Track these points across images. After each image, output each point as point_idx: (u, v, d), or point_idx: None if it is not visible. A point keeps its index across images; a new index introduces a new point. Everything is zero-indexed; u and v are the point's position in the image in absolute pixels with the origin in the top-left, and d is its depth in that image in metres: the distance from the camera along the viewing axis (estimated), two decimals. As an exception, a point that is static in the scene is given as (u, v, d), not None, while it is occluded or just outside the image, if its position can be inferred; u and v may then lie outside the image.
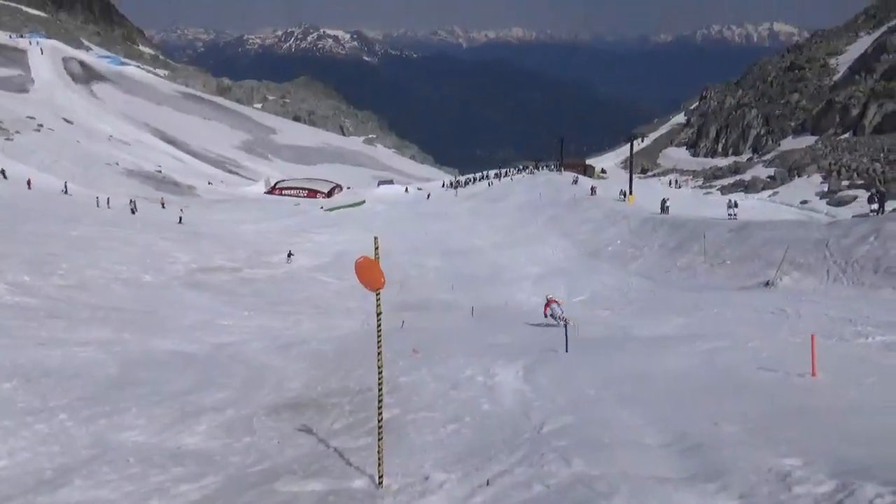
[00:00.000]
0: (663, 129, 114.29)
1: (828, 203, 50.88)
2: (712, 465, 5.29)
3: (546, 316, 18.91)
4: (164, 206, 51.43)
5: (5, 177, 43.65)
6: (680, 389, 8.50)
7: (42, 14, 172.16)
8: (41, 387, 9.28)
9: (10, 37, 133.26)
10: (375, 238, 5.65)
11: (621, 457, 5.74)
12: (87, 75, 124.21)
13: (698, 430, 6.33)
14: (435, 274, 31.73)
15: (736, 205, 37.22)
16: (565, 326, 15.97)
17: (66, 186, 48.79)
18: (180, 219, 42.09)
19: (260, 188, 75.97)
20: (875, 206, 31.99)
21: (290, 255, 33.23)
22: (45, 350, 11.68)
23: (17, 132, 65.33)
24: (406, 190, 76.01)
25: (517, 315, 21.62)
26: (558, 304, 18.90)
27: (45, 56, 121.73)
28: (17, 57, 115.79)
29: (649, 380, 9.12)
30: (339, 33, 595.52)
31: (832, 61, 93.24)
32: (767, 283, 19.95)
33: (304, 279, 28.49)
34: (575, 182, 54.91)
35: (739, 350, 10.77)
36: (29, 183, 45.50)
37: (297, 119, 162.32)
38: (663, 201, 38.08)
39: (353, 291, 25.68)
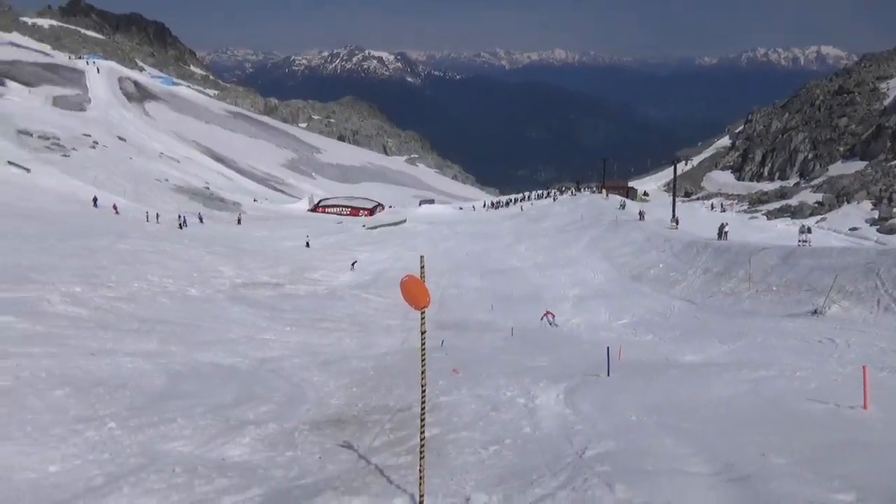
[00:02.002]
0: (707, 153, 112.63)
1: (878, 230, 49.36)
2: (761, 498, 5.15)
3: (542, 319, 24.71)
4: (239, 223, 53.67)
5: (96, 205, 44.71)
6: (725, 418, 8.31)
7: (100, 36, 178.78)
8: (91, 396, 9.53)
9: (70, 58, 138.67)
10: (421, 257, 5.70)
11: (666, 485, 5.63)
12: (140, 94, 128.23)
13: (745, 461, 6.17)
14: (474, 294, 31.69)
15: (809, 230, 35.52)
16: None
17: (200, 217, 47.79)
18: (307, 243, 43.62)
19: (304, 206, 77.05)
20: None
21: (353, 263, 35.71)
22: (94, 360, 11.99)
23: (74, 149, 67.61)
24: (460, 208, 77.37)
25: (557, 337, 21.42)
26: (553, 316, 24.74)
27: (101, 76, 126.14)
28: (75, 77, 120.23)
29: (693, 407, 8.94)
30: (384, 55, 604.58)
31: (882, 85, 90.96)
32: (815, 312, 19.42)
33: (345, 296, 28.73)
34: (622, 207, 54.03)
35: (786, 379, 10.48)
36: (115, 208, 46.06)
37: (341, 138, 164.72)
38: (721, 226, 36.59)
39: (393, 309, 25.85)
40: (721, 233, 35.64)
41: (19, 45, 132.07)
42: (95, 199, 45.63)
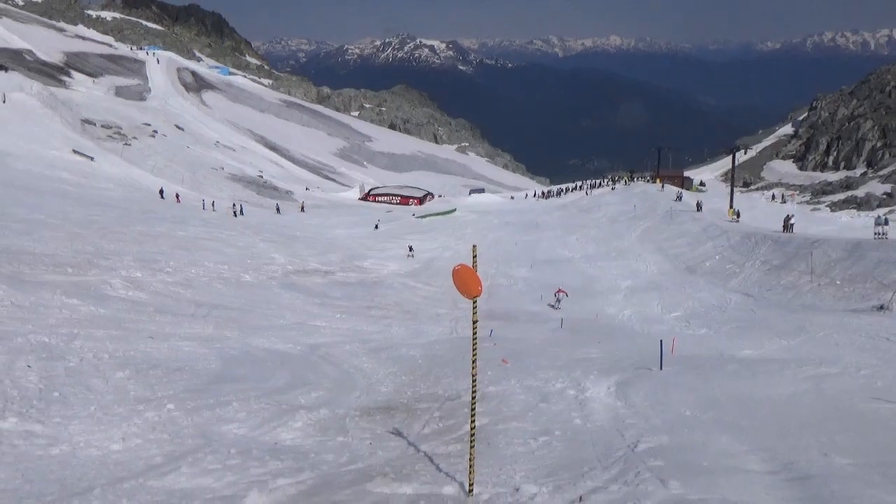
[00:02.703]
0: (768, 141, 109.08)
1: (953, 223, 47.04)
2: (823, 499, 4.99)
3: (554, 295, 26.65)
4: (303, 210, 56.06)
5: (163, 196, 45.91)
6: (784, 416, 8.09)
7: (159, 27, 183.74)
8: (150, 378, 9.86)
9: (132, 49, 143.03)
10: (474, 246, 5.69)
11: (722, 483, 5.51)
12: (198, 84, 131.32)
13: (806, 461, 5.99)
14: (523, 284, 31.56)
15: (886, 222, 33.28)
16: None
17: (277, 207, 48.84)
18: (377, 226, 47.10)
19: (354, 194, 77.81)
20: None
21: (410, 248, 37.03)
22: (153, 343, 12.39)
23: (135, 138, 69.77)
24: (512, 197, 78.24)
25: (608, 329, 21.16)
26: (565, 294, 26.53)
27: (161, 66, 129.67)
28: (136, 67, 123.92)
29: (750, 404, 8.72)
30: (435, 43, 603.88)
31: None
32: (882, 307, 18.68)
33: (394, 284, 28.97)
34: (679, 198, 52.66)
35: (850, 377, 10.13)
36: (178, 197, 46.97)
37: (392, 127, 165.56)
38: (787, 218, 34.78)
39: (442, 298, 25.95)
40: (787, 225, 34.10)
41: (85, 38, 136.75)
42: (162, 191, 46.60)
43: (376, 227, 47.19)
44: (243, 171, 74.75)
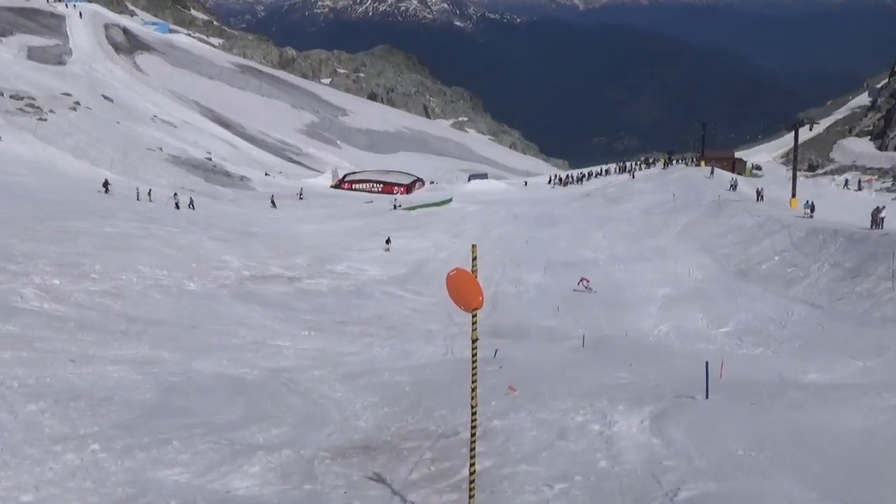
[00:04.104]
0: (839, 114, 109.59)
1: None
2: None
3: (579, 283, 31.00)
4: (301, 198, 59.04)
5: (107, 190, 45.30)
6: (860, 455, 8.13)
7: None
8: (70, 411, 9.83)
9: (48, 1, 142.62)
10: (473, 246, 5.67)
11: (782, 539, 5.51)
12: (130, 45, 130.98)
13: (887, 511, 6.00)
14: (536, 293, 31.61)
15: None
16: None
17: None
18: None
19: (326, 181, 77.78)
20: None
21: (388, 241, 38.03)
22: (74, 368, 12.37)
23: (51, 111, 69.47)
24: (525, 183, 79.79)
25: (641, 348, 21.20)
26: (587, 282, 31.09)
27: (84, 23, 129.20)
28: (53, 24, 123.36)
29: (819, 440, 8.75)
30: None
31: None
32: (981, 320, 18.76)
33: (375, 293, 28.98)
34: (733, 187, 52.56)
35: (942, 407, 10.17)
36: (106, 185, 45.91)
37: (372, 97, 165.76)
38: (876, 211, 33.45)
39: (434, 310, 25.96)
40: (875, 219, 32.94)
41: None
42: (106, 183, 45.61)
43: (394, 207, 51.63)
44: (187, 153, 74.62)
